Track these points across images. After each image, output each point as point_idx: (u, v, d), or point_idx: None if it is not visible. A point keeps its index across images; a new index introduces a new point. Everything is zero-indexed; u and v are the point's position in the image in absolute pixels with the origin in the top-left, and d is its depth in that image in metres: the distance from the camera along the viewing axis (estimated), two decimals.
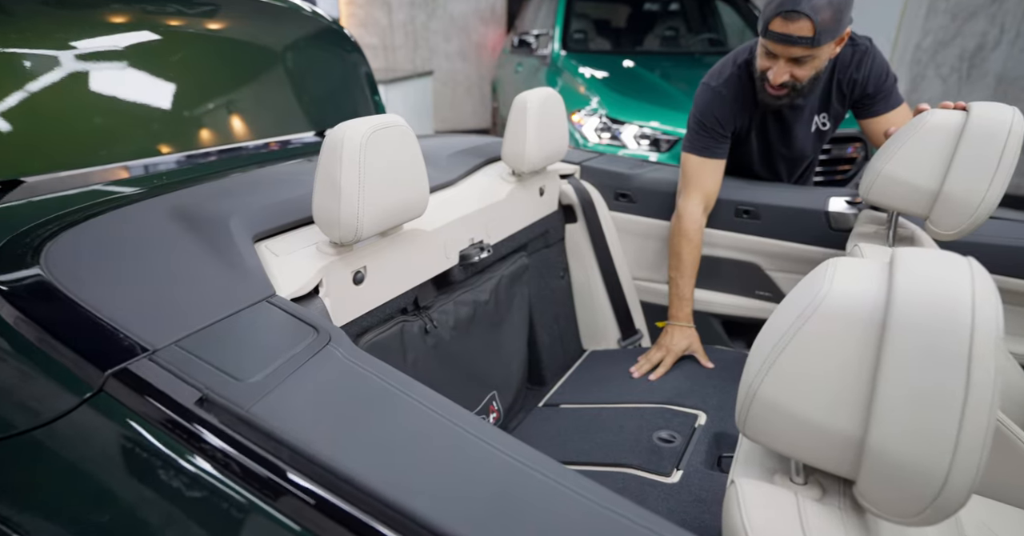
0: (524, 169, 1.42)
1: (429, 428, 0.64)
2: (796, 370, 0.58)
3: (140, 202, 1.04)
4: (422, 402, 0.67)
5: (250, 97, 1.57)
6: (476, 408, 1.38)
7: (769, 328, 0.65)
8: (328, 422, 0.63)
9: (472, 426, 0.64)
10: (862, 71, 1.48)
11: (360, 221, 0.94)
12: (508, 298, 1.49)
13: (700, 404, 1.36)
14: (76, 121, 1.23)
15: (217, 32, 1.52)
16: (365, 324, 1.09)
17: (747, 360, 0.66)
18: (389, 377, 0.71)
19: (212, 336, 0.75)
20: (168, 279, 0.83)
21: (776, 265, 1.61)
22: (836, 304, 0.56)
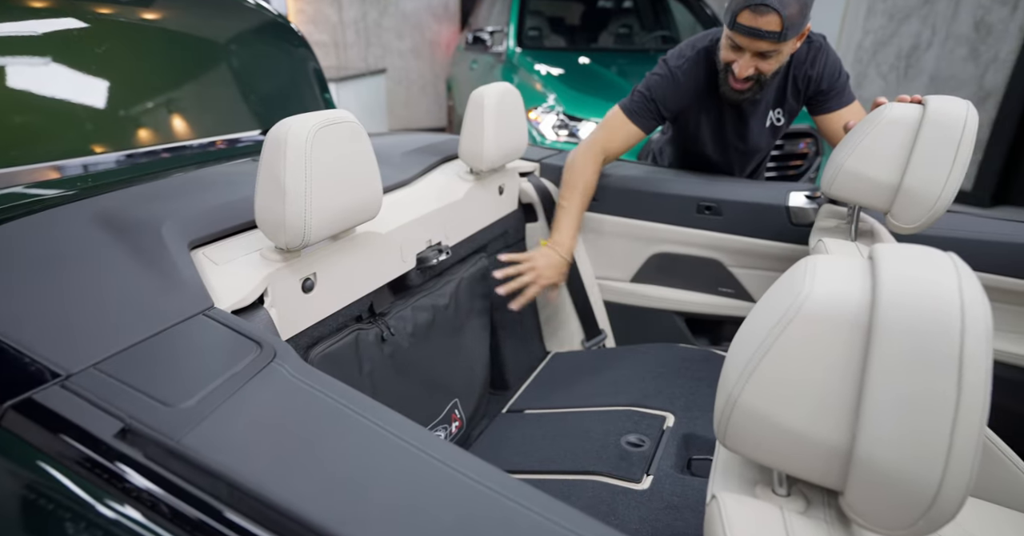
0: (482, 167, 1.37)
1: (384, 452, 0.58)
2: (778, 377, 0.55)
3: (60, 207, 0.95)
4: (376, 422, 0.61)
5: (188, 93, 1.47)
6: (438, 417, 1.33)
7: (746, 332, 0.61)
8: (272, 451, 0.56)
9: (431, 446, 0.59)
10: (816, 67, 1.49)
11: (308, 224, 0.87)
12: (469, 302, 1.44)
13: (667, 405, 1.33)
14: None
15: (151, 21, 1.42)
16: (316, 334, 1.02)
17: (724, 366, 0.62)
18: (340, 395, 0.65)
19: (139, 356, 0.67)
20: (88, 293, 0.75)
21: (738, 261, 1.60)
22: (818, 306, 0.53)
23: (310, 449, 0.57)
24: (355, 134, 0.94)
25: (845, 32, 4.70)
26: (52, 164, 1.25)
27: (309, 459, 0.56)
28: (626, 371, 1.51)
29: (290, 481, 0.53)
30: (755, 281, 1.60)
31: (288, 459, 0.55)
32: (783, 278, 0.63)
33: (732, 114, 1.57)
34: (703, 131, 1.61)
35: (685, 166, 1.78)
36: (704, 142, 1.64)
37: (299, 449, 0.57)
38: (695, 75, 1.50)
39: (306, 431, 0.59)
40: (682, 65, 1.50)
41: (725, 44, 1.39)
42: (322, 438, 0.59)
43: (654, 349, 1.62)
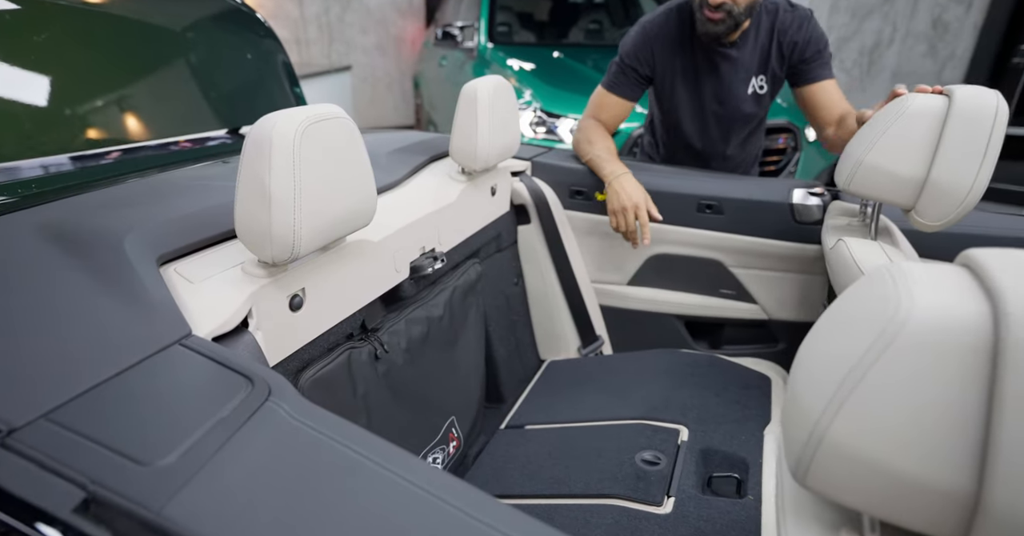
0: (476, 167, 1.27)
1: (402, 507, 0.48)
2: (876, 409, 0.47)
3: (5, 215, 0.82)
4: (390, 468, 0.51)
5: (143, 87, 1.33)
6: (435, 438, 1.22)
7: (823, 355, 0.53)
8: (278, 516, 0.46)
9: (452, 494, 0.49)
10: (802, 34, 1.48)
11: (298, 235, 0.76)
12: (463, 311, 1.34)
13: (679, 417, 1.26)
14: None
15: (99, 6, 1.27)
16: (306, 357, 0.91)
17: (795, 394, 0.54)
18: (349, 438, 0.55)
19: (102, 401, 0.55)
20: (36, 324, 0.63)
21: (739, 261, 1.54)
22: (924, 326, 0.45)
23: (324, 512, 0.47)
24: (347, 131, 0.83)
25: None
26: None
27: (325, 525, 0.46)
28: (629, 380, 1.44)
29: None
30: (757, 282, 1.54)
31: (299, 526, 0.45)
32: (861, 289, 0.55)
33: (709, 72, 1.54)
34: (679, 96, 1.59)
35: (666, 149, 1.75)
36: (679, 103, 1.60)
37: (311, 511, 0.47)
38: (665, 26, 1.52)
39: (317, 488, 0.49)
40: (653, 18, 1.53)
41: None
42: (335, 496, 0.48)
43: (655, 355, 1.55)
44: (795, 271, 1.50)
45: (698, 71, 1.54)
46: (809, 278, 1.50)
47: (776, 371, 1.50)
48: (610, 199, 1.46)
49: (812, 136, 3.12)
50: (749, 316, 1.58)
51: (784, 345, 1.58)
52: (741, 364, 1.48)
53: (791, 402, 0.55)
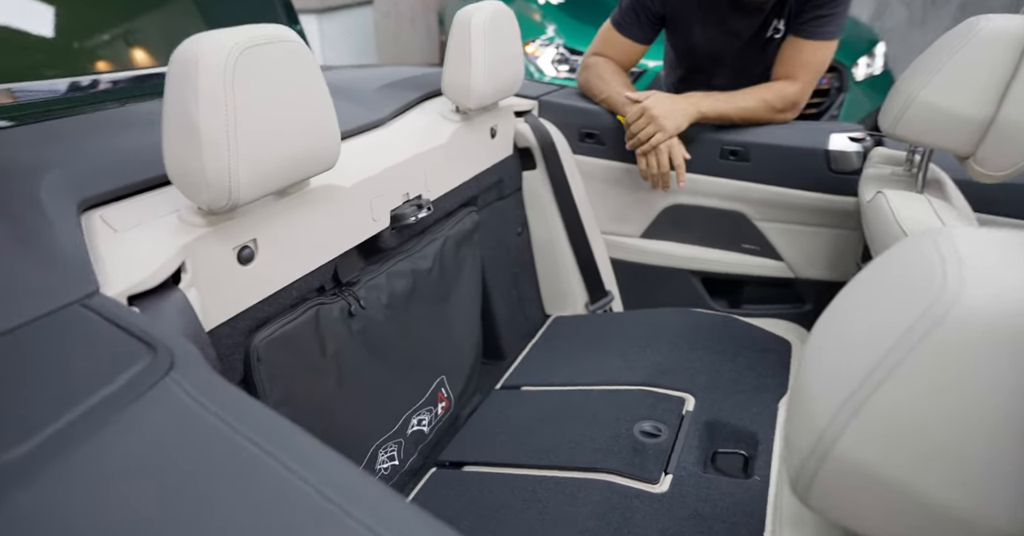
0: (470, 105, 1.14)
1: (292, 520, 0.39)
2: (905, 418, 0.36)
3: None
4: (294, 468, 0.42)
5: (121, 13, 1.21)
6: (421, 399, 1.15)
7: (838, 343, 0.41)
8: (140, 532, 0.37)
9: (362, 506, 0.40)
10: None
11: (235, 179, 0.66)
12: (456, 263, 1.23)
13: (687, 384, 1.15)
14: None
15: None
16: (261, 315, 0.82)
17: (800, 389, 0.43)
18: (255, 427, 0.46)
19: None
20: None
21: (765, 214, 1.39)
22: (977, 311, 0.34)
23: (196, 522, 0.38)
24: (297, 57, 0.71)
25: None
26: None
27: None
28: (637, 340, 1.33)
29: None
30: (785, 237, 1.40)
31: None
32: (894, 259, 0.43)
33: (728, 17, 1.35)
34: (695, 39, 1.42)
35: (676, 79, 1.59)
36: (699, 56, 1.44)
37: (178, 523, 0.38)
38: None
39: (196, 491, 0.40)
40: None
41: None
42: (220, 502, 0.40)
43: (667, 314, 1.43)
44: (828, 226, 1.35)
45: (716, 12, 1.36)
46: (843, 233, 1.35)
47: (799, 334, 1.38)
48: (649, 102, 1.27)
49: (861, 74, 2.84)
50: (773, 274, 1.45)
51: (811, 306, 1.45)
52: (760, 326, 1.36)
53: (798, 395, 0.44)
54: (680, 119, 1.27)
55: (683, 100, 1.29)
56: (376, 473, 1.04)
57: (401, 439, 1.10)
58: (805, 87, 1.33)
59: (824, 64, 1.34)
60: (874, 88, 2.85)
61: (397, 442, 1.09)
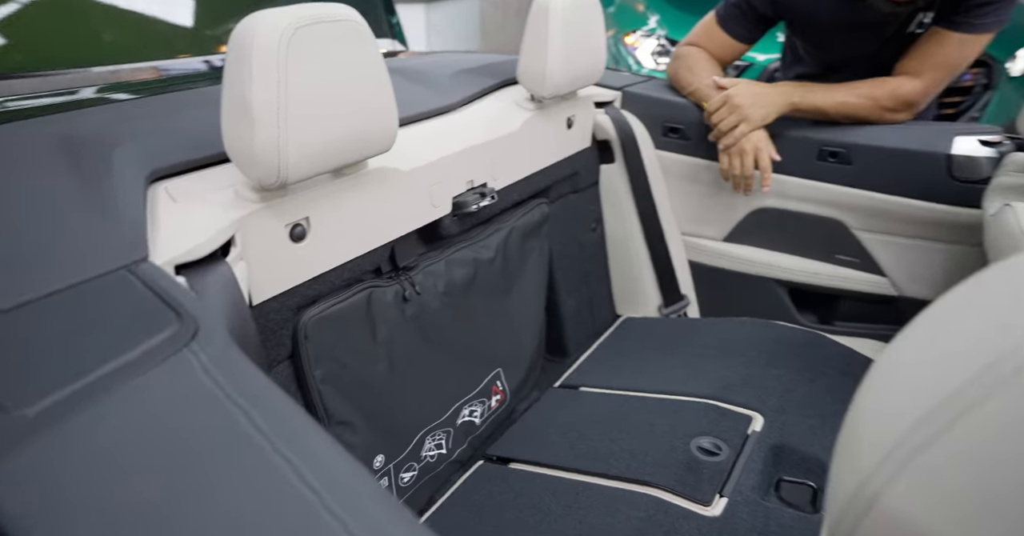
0: (545, 93, 1.10)
1: (272, 514, 0.38)
2: (972, 473, 0.29)
3: (17, 123, 0.79)
4: (291, 459, 0.41)
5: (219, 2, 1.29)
6: (474, 390, 1.13)
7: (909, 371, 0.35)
8: (113, 514, 0.37)
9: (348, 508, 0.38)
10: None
11: (284, 158, 0.66)
12: (521, 255, 1.20)
13: (756, 402, 1.06)
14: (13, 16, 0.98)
15: None
16: (311, 293, 0.83)
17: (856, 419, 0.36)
18: (260, 409, 0.45)
19: (13, 325, 0.50)
20: (4, 232, 0.59)
21: (867, 224, 1.26)
22: None
23: (176, 504, 0.38)
24: (355, 37, 0.70)
25: None
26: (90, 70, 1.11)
27: (166, 519, 0.36)
28: (709, 350, 1.25)
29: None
30: (889, 250, 1.26)
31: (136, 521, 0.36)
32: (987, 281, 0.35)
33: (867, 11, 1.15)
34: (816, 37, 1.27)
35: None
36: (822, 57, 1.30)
37: (158, 502, 0.38)
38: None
39: (183, 471, 0.40)
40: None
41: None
42: (204, 487, 0.39)
43: (746, 325, 1.33)
44: (944, 240, 1.20)
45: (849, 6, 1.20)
46: (962, 250, 1.19)
47: None
48: (732, 92, 1.18)
49: (1018, 69, 2.48)
50: (873, 290, 1.31)
51: None
52: (850, 347, 1.24)
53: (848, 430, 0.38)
54: (768, 109, 1.16)
55: (772, 89, 1.17)
56: (421, 460, 1.03)
57: (450, 429, 1.09)
58: (929, 87, 1.16)
59: (964, 62, 1.16)
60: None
61: (446, 431, 1.08)
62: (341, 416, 0.89)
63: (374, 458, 0.95)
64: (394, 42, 1.71)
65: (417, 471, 1.03)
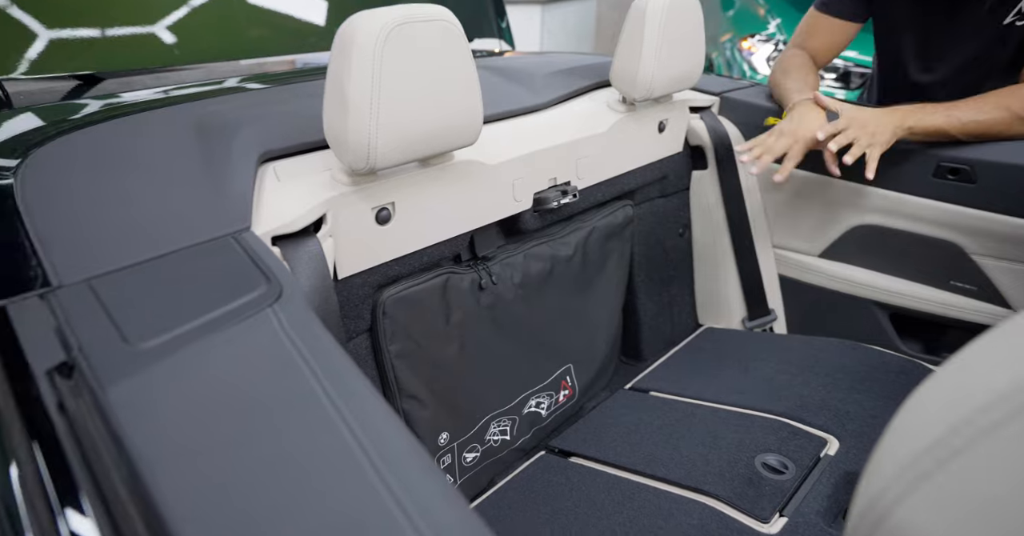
0: (636, 95, 1.10)
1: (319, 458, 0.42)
2: (979, 496, 0.29)
3: (164, 108, 0.91)
4: (344, 414, 0.46)
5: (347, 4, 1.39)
6: (543, 382, 1.16)
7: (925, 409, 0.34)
8: (196, 436, 0.43)
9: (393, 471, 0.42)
10: None
11: (373, 146, 0.72)
12: (601, 255, 1.21)
13: (832, 425, 1.01)
14: (174, 14, 1.13)
15: None
16: (392, 273, 0.89)
17: (873, 458, 0.36)
18: (325, 366, 0.50)
19: (139, 276, 0.58)
20: (137, 199, 0.69)
21: (989, 249, 1.15)
22: None
23: (242, 440, 0.43)
24: (449, 37, 0.75)
25: None
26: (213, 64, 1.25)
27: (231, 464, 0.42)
28: (790, 366, 1.20)
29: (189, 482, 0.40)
30: (1017, 279, 1.15)
31: (207, 455, 0.42)
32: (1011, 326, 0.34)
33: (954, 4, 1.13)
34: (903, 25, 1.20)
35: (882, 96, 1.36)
36: (906, 49, 1.23)
37: (229, 445, 0.43)
38: None
39: (252, 420, 0.45)
40: None
41: None
42: (263, 439, 0.44)
43: (835, 345, 1.27)
44: None
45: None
46: None
47: None
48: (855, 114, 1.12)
49: None
50: (993, 322, 1.20)
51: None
52: None
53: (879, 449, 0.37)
54: (886, 135, 1.09)
55: (886, 114, 1.10)
56: (485, 443, 1.07)
57: (516, 417, 1.12)
58: None
59: None
60: None
61: (512, 418, 1.11)
62: (411, 391, 0.95)
63: (439, 435, 1.00)
64: (501, 42, 1.77)
65: (480, 453, 1.07)
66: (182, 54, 1.16)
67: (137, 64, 1.13)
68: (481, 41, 1.69)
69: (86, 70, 1.10)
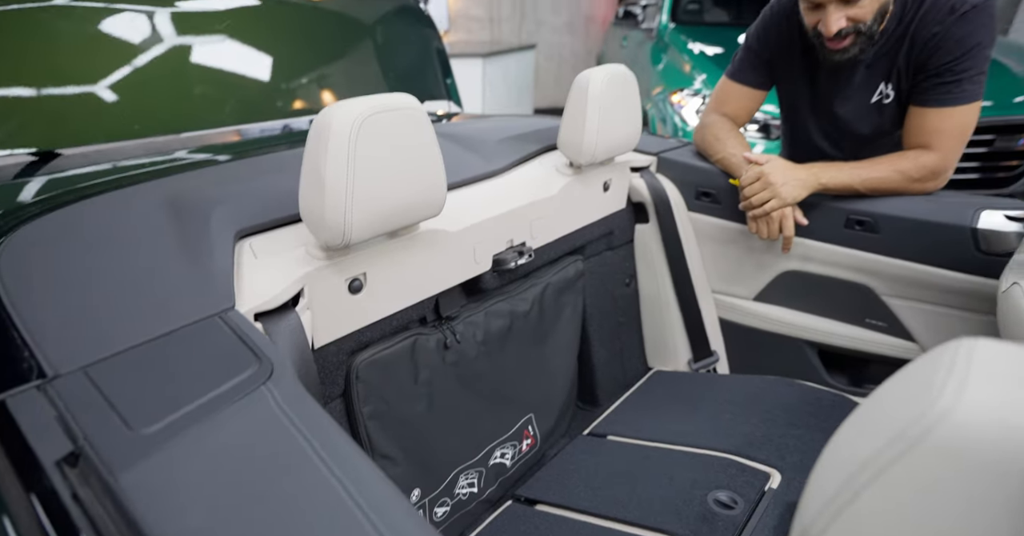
0: (582, 160, 1.21)
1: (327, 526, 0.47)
2: (882, 527, 0.36)
3: (135, 186, 0.94)
4: (345, 483, 0.51)
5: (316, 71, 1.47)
6: (506, 433, 1.21)
7: (843, 447, 0.42)
8: (208, 512, 0.48)
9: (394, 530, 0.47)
10: (941, 28, 1.14)
11: (349, 223, 0.78)
12: (556, 308, 1.29)
13: (775, 460, 1.10)
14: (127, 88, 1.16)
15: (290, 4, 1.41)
16: (364, 339, 0.94)
17: (804, 493, 0.44)
18: (322, 441, 0.55)
19: (134, 361, 0.62)
20: (119, 282, 0.72)
21: (896, 290, 1.30)
22: (963, 431, 0.34)
23: (251, 510, 0.48)
24: (413, 122, 0.83)
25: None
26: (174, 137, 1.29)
27: (244, 523, 0.46)
28: (733, 406, 1.29)
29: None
30: (919, 316, 1.29)
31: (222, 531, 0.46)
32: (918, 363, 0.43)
33: (830, 75, 1.30)
34: (798, 91, 1.38)
35: (789, 149, 1.53)
36: (801, 111, 1.40)
37: (238, 508, 0.48)
38: (790, 8, 1.29)
39: (260, 484, 0.50)
40: (774, 4, 1.36)
41: (804, 8, 1.18)
42: (273, 499, 0.49)
43: (772, 383, 1.37)
44: (972, 310, 1.23)
45: (817, 67, 1.31)
46: (991, 321, 1.22)
47: None
48: (766, 169, 1.24)
49: None
50: (904, 355, 1.33)
51: None
52: None
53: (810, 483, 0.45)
54: (798, 190, 1.23)
55: (803, 170, 1.24)
56: (454, 496, 1.11)
57: (483, 468, 1.16)
58: (948, 155, 1.23)
59: (965, 129, 1.22)
60: None
61: (479, 471, 1.16)
62: (384, 450, 0.99)
63: (411, 492, 1.03)
64: (450, 103, 1.87)
65: (450, 507, 1.10)
66: (141, 128, 1.20)
67: (94, 139, 1.16)
68: (432, 103, 1.79)
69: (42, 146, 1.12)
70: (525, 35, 6.13)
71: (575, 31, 6.29)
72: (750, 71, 1.39)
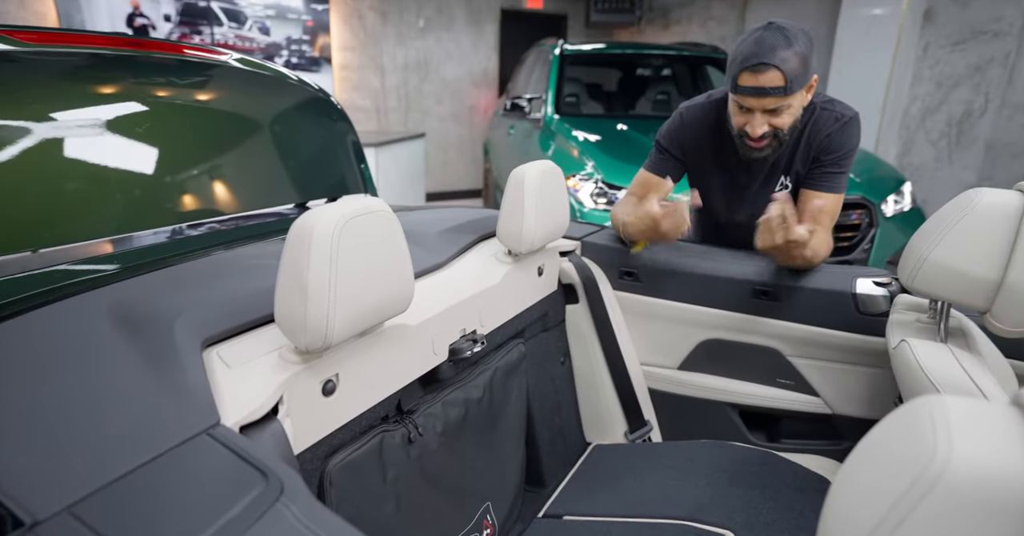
0: (522, 249, 1.29)
1: None
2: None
3: (79, 296, 0.88)
4: None
5: (233, 168, 1.45)
6: (468, 525, 1.19)
7: (855, 498, 0.48)
8: None
9: None
10: (831, 133, 1.44)
11: (331, 326, 0.79)
12: (504, 392, 1.32)
13: (726, 521, 1.17)
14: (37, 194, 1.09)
15: (200, 102, 1.41)
16: (337, 442, 0.92)
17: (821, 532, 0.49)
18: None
19: (122, 493, 0.57)
20: (83, 407, 0.67)
21: (798, 351, 1.46)
22: (964, 479, 0.41)
23: None
24: (386, 224, 0.86)
25: (890, 99, 4.62)
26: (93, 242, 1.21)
27: None
28: (675, 472, 1.36)
29: None
30: (819, 373, 1.46)
31: None
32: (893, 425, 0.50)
33: (739, 172, 1.54)
34: (710, 183, 1.58)
35: (699, 226, 1.75)
36: (713, 199, 1.60)
37: None
38: (703, 119, 1.52)
39: None
40: (692, 106, 1.55)
41: (733, 110, 1.39)
42: None
43: (706, 447, 1.47)
44: (862, 364, 1.41)
45: (728, 165, 1.53)
46: (878, 372, 1.40)
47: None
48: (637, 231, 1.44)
49: (890, 211, 2.99)
50: (810, 409, 1.49)
51: (850, 443, 1.46)
52: (799, 463, 1.38)
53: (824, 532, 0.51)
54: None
55: None
56: None
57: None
58: (828, 230, 1.45)
59: (837, 212, 1.48)
60: (905, 223, 2.99)
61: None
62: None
63: None
64: (367, 196, 1.91)
65: None
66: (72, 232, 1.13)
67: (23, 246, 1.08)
68: (349, 198, 1.82)
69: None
70: (412, 124, 6.37)
71: (459, 120, 6.62)
72: (662, 164, 1.58)
